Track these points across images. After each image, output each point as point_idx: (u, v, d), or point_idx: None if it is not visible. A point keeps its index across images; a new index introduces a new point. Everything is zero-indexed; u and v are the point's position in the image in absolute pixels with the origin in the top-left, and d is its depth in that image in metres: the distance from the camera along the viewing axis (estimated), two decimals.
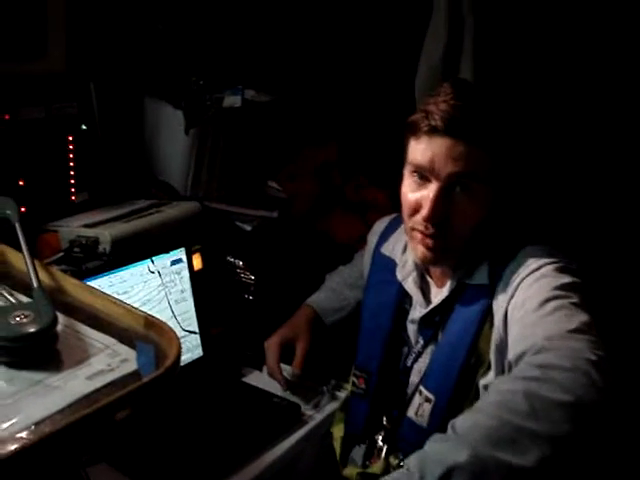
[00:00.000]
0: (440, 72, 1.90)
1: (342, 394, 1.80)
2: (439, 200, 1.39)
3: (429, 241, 1.43)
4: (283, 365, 1.76)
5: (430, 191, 1.40)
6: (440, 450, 1.08)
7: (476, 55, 1.88)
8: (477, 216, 1.42)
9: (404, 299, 1.62)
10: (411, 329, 1.60)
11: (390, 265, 1.64)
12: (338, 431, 1.71)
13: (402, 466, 1.12)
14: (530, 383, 1.11)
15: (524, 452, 1.04)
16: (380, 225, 1.79)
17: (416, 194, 1.44)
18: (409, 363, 1.58)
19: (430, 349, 1.54)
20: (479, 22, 1.87)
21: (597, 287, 1.37)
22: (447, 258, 1.47)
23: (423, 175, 1.42)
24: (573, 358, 1.12)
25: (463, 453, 1.04)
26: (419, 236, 1.45)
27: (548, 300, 1.27)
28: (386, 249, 1.69)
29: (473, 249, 1.47)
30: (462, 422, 1.10)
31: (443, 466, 1.04)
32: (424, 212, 1.40)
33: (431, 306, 1.53)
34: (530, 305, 1.28)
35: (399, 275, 1.61)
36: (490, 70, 1.90)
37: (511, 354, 1.26)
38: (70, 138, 1.89)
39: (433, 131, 1.38)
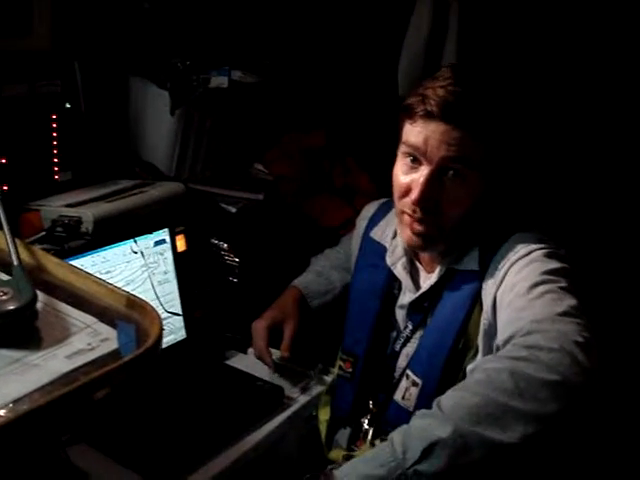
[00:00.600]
0: (423, 58, 1.89)
1: (329, 378, 1.80)
2: (429, 184, 1.39)
3: (417, 225, 1.43)
4: (270, 348, 1.75)
5: (421, 174, 1.40)
6: (424, 425, 1.10)
7: (460, 42, 1.88)
8: (467, 203, 1.42)
9: (393, 284, 1.62)
10: (400, 314, 1.60)
11: (379, 250, 1.64)
12: (324, 414, 1.72)
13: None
14: (516, 362, 1.12)
15: (507, 429, 1.06)
16: (369, 209, 1.79)
17: (407, 177, 1.44)
18: (397, 348, 1.58)
19: (419, 334, 1.54)
20: (464, 8, 1.87)
21: (585, 272, 1.38)
22: (435, 244, 1.47)
23: (416, 158, 1.42)
24: (560, 340, 1.13)
25: (446, 428, 1.06)
26: (408, 219, 1.45)
27: (537, 284, 1.28)
28: (375, 234, 1.68)
29: (463, 235, 1.47)
30: (447, 399, 1.12)
31: (426, 440, 1.06)
32: (413, 195, 1.40)
33: (420, 291, 1.54)
34: (519, 289, 1.29)
35: (388, 260, 1.60)
36: (474, 57, 1.90)
37: (500, 338, 1.27)
38: (54, 116, 1.86)
39: (429, 116, 1.38)
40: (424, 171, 1.40)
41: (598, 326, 1.21)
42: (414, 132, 1.41)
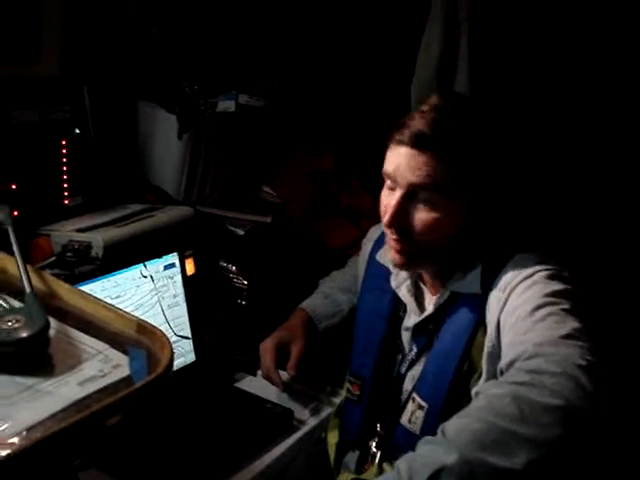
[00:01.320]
0: (435, 80, 1.90)
1: (337, 400, 1.80)
2: (399, 207, 1.42)
3: (396, 245, 1.46)
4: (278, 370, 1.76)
5: (394, 198, 1.43)
6: (429, 452, 1.09)
7: (472, 63, 1.89)
8: (439, 226, 1.43)
9: (398, 306, 1.62)
10: (405, 336, 1.60)
11: (384, 272, 1.64)
12: (332, 437, 1.71)
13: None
14: (519, 387, 1.12)
15: (512, 455, 1.05)
16: (375, 232, 1.79)
17: (386, 199, 1.47)
18: (403, 370, 1.58)
19: (424, 357, 1.54)
20: (474, 33, 1.88)
21: (588, 294, 1.38)
22: (417, 264, 1.50)
23: (390, 183, 1.46)
24: (563, 363, 1.13)
25: (451, 456, 1.05)
26: (389, 239, 1.49)
27: (539, 307, 1.28)
28: (380, 256, 1.68)
29: (459, 258, 1.48)
30: (451, 426, 1.12)
31: (431, 468, 1.05)
32: (385, 218, 1.45)
33: (425, 314, 1.54)
34: (522, 312, 1.29)
35: (393, 283, 1.61)
36: (486, 80, 1.90)
37: (502, 361, 1.26)
38: (63, 142, 1.88)
39: (400, 142, 1.42)
40: (396, 195, 1.43)
41: (601, 348, 1.21)
42: (388, 159, 1.45)
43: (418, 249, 1.45)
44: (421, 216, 1.42)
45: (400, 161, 1.41)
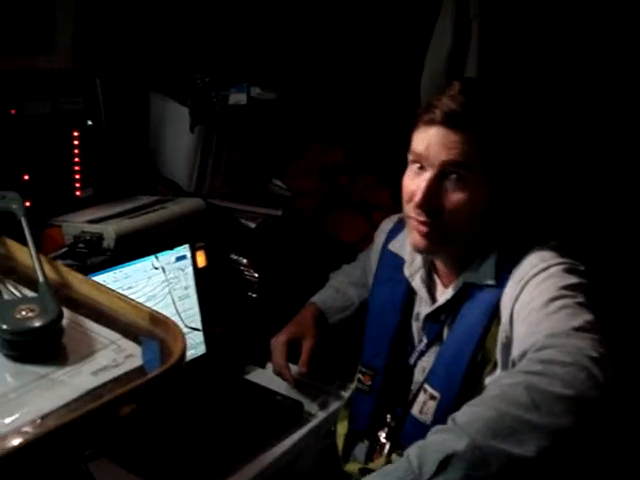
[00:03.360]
0: (445, 75, 1.90)
1: (346, 394, 1.80)
2: (431, 187, 1.42)
3: (422, 228, 1.45)
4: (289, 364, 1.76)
5: (424, 179, 1.43)
6: (439, 440, 1.10)
7: (481, 59, 1.88)
8: (471, 207, 1.43)
9: (412, 297, 1.63)
10: (415, 327, 1.61)
11: (398, 262, 1.64)
12: (342, 428, 1.72)
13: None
14: (531, 377, 1.13)
15: (523, 443, 1.06)
16: (388, 223, 1.80)
17: (413, 182, 1.47)
18: (412, 361, 1.59)
19: (435, 348, 1.55)
20: (485, 27, 1.87)
21: (604, 289, 1.38)
22: (440, 248, 1.49)
23: (421, 164, 1.45)
24: (575, 354, 1.14)
25: (462, 442, 1.06)
26: (414, 223, 1.47)
27: (554, 299, 1.28)
28: (394, 246, 1.69)
29: (475, 246, 1.48)
30: (462, 415, 1.13)
31: (442, 454, 1.06)
32: (416, 199, 1.43)
33: (437, 304, 1.54)
34: (536, 304, 1.30)
35: (406, 271, 1.61)
36: (495, 73, 1.90)
37: (515, 352, 1.27)
38: (76, 133, 1.89)
39: (431, 122, 1.42)
40: (426, 175, 1.43)
41: (614, 342, 1.21)
42: (418, 139, 1.45)
43: (445, 232, 1.44)
44: (453, 196, 1.42)
45: (431, 140, 1.42)
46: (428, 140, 1.42)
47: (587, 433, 1.10)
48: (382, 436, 1.60)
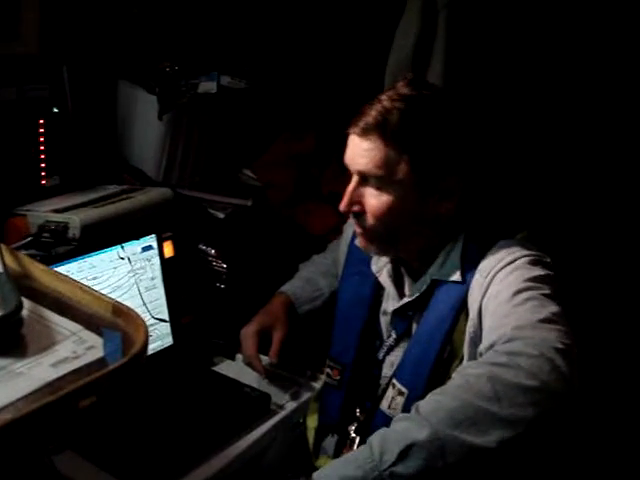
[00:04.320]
0: (409, 66, 1.89)
1: (317, 384, 1.80)
2: (351, 193, 1.48)
3: (357, 228, 1.52)
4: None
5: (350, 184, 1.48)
6: (402, 428, 1.12)
7: (448, 52, 1.88)
8: (391, 209, 1.45)
9: (380, 292, 1.62)
10: (383, 321, 1.61)
11: (364, 257, 1.64)
12: (312, 421, 1.72)
13: None
14: (496, 368, 1.14)
15: (485, 433, 1.08)
16: None
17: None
18: (381, 356, 1.59)
19: (403, 343, 1.55)
20: (453, 18, 1.86)
21: (569, 280, 1.39)
22: (381, 248, 1.53)
23: None
24: (540, 346, 1.15)
25: (424, 431, 1.08)
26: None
27: (520, 291, 1.29)
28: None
29: (435, 243, 1.49)
30: (426, 404, 1.14)
31: (402, 443, 1.09)
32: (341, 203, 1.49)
33: (404, 300, 1.54)
34: (503, 297, 1.30)
35: (374, 267, 1.61)
36: (460, 68, 1.90)
37: (482, 345, 1.28)
38: (41, 121, 1.86)
39: (350, 132, 1.46)
40: (352, 179, 1.48)
41: (580, 333, 1.23)
42: (347, 148, 1.49)
43: (370, 232, 1.49)
44: (370, 201, 1.46)
45: (350, 149, 1.47)
46: (349, 149, 1.47)
47: (550, 424, 1.11)
48: (352, 430, 1.60)
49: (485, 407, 1.09)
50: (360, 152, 1.43)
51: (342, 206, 1.49)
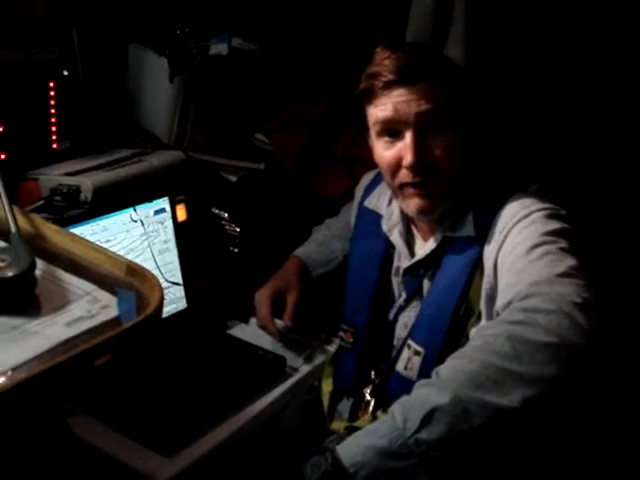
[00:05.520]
0: (430, 29, 1.86)
1: (331, 348, 1.79)
2: (418, 143, 1.41)
3: (421, 190, 1.44)
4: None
5: (405, 140, 1.42)
6: (422, 394, 1.11)
7: (469, 11, 1.84)
8: (455, 151, 1.43)
9: (391, 251, 1.62)
10: (395, 282, 1.60)
11: (375, 218, 1.64)
12: (326, 385, 1.72)
13: None
14: (514, 326, 1.13)
15: (507, 393, 1.07)
16: (366, 179, 1.79)
17: (392, 151, 1.45)
18: (391, 316, 1.58)
19: (415, 303, 1.55)
20: None
21: (586, 233, 1.38)
22: (442, 204, 1.47)
23: (392, 131, 1.44)
24: (558, 301, 1.14)
25: (445, 395, 1.07)
26: (410, 189, 1.45)
27: (536, 246, 1.28)
28: (370, 202, 1.69)
29: (456, 198, 1.47)
30: (445, 368, 1.14)
31: (425, 408, 1.07)
32: (408, 160, 1.42)
33: (415, 258, 1.53)
34: (519, 251, 1.29)
35: (384, 226, 1.60)
36: (482, 30, 1.86)
37: (499, 302, 1.27)
38: (51, 84, 1.84)
39: (388, 86, 1.41)
40: (407, 135, 1.42)
41: (597, 286, 1.21)
42: (379, 108, 1.43)
43: (440, 186, 1.44)
44: (438, 144, 1.42)
45: (397, 101, 1.41)
46: (393, 103, 1.41)
47: (573, 380, 1.10)
48: (367, 393, 1.60)
49: (506, 366, 1.08)
50: (413, 98, 1.39)
51: (412, 162, 1.41)
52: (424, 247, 1.53)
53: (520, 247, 1.30)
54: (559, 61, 2.00)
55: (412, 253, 1.57)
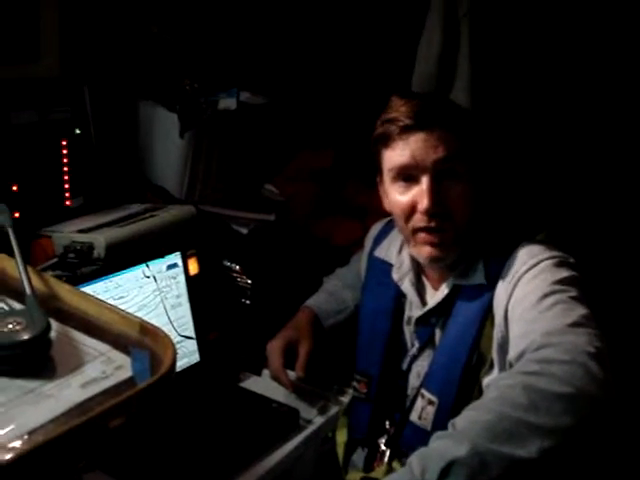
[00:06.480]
0: (435, 77, 1.88)
1: (345, 398, 1.79)
2: (434, 189, 1.42)
3: (434, 238, 1.45)
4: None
5: (421, 185, 1.43)
6: (440, 446, 1.09)
7: (473, 60, 1.87)
8: (471, 200, 1.44)
9: (402, 301, 1.62)
10: (407, 331, 1.60)
11: (385, 268, 1.64)
12: (341, 436, 1.71)
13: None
14: (529, 377, 1.12)
15: (524, 444, 1.06)
16: (375, 229, 1.80)
17: (407, 196, 1.46)
18: (405, 366, 1.58)
19: (428, 352, 1.54)
20: (476, 26, 1.86)
21: (595, 281, 1.38)
22: (454, 253, 1.47)
23: (408, 176, 1.45)
24: (572, 351, 1.14)
25: (462, 448, 1.06)
26: (422, 235, 1.46)
27: (547, 295, 1.28)
28: (380, 252, 1.69)
29: (467, 246, 1.47)
30: (461, 419, 1.12)
31: (443, 461, 1.05)
32: (424, 204, 1.42)
33: (427, 307, 1.54)
34: (529, 301, 1.30)
35: (395, 275, 1.61)
36: (488, 76, 1.89)
37: (512, 353, 1.27)
38: (64, 142, 1.87)
39: (405, 130, 1.42)
40: (424, 180, 1.42)
41: (609, 334, 1.21)
42: (397, 153, 1.44)
43: (452, 234, 1.44)
44: (454, 192, 1.43)
45: (414, 147, 1.42)
46: (410, 149, 1.42)
47: (589, 430, 1.09)
48: (382, 443, 1.59)
49: (522, 417, 1.07)
50: (430, 144, 1.40)
51: (428, 208, 1.41)
52: (435, 296, 1.53)
53: (530, 297, 1.30)
54: (563, 106, 2.02)
55: (423, 302, 1.57)
